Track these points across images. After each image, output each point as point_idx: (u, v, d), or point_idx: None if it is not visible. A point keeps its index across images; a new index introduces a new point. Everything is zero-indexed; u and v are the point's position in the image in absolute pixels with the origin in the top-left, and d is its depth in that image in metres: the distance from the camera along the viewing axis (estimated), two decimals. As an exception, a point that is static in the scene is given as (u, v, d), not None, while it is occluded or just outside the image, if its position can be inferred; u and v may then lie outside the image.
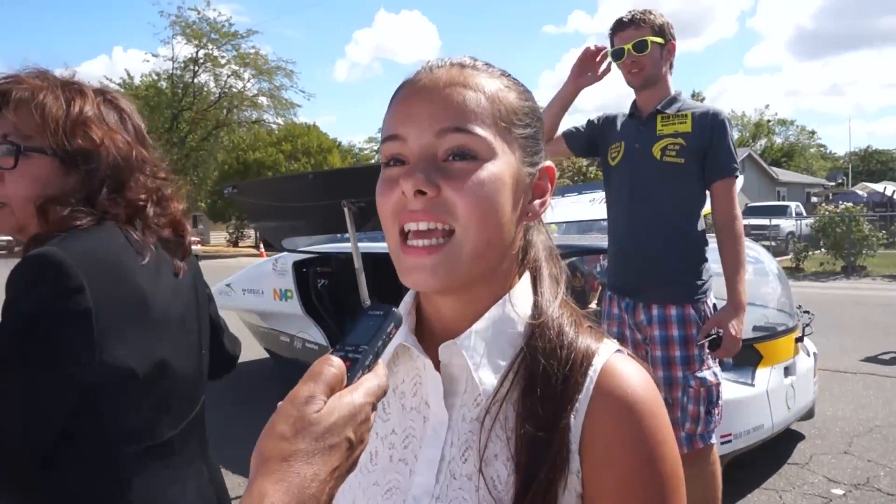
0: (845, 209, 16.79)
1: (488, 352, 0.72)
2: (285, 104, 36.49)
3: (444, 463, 0.71)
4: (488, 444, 0.69)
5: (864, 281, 14.72)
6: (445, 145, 0.68)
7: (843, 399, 5.43)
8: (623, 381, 0.70)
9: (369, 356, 0.63)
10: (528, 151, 0.74)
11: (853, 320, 9.14)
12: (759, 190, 34.86)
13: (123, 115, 1.23)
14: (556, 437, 0.66)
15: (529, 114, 0.74)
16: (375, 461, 0.77)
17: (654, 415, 0.69)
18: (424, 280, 0.69)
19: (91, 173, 1.12)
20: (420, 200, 0.67)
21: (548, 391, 0.68)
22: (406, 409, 0.77)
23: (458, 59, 0.74)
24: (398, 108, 0.72)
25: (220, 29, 34.03)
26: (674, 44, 2.63)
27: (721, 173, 2.56)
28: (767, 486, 3.82)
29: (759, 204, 25.77)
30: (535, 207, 0.76)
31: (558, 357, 0.70)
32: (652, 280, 2.62)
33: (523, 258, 0.78)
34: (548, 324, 0.73)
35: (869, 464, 4.09)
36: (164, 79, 35.25)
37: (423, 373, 0.76)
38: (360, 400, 0.59)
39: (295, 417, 0.56)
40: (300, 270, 5.67)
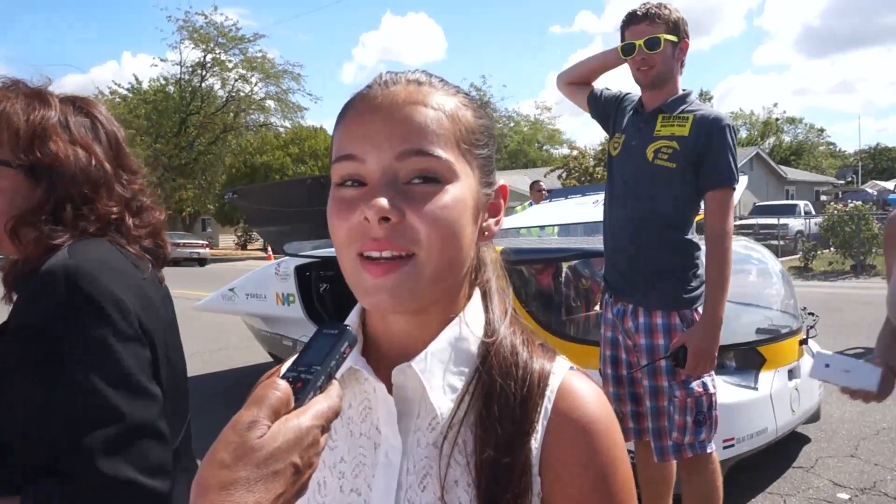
0: (854, 207, 16.65)
1: (444, 373, 0.70)
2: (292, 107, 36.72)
3: (401, 492, 0.69)
4: (448, 471, 0.67)
5: (874, 280, 14.59)
6: (408, 168, 0.66)
7: (849, 402, 5.32)
8: (579, 401, 0.70)
9: (321, 377, 0.60)
10: (485, 171, 0.73)
11: (862, 320, 9.05)
12: (768, 189, 34.65)
13: (96, 122, 1.20)
14: (518, 460, 0.66)
15: (485, 132, 0.74)
16: (324, 491, 0.75)
17: (608, 432, 0.70)
18: (385, 301, 0.66)
19: (52, 187, 1.10)
20: (383, 228, 0.65)
21: (507, 413, 0.68)
22: (355, 435, 0.75)
23: (413, 76, 0.72)
24: (352, 125, 0.69)
25: (228, 33, 34.28)
26: (687, 42, 2.53)
27: (714, 183, 2.45)
28: (771, 490, 3.78)
29: (767, 203, 25.63)
30: (492, 226, 0.75)
31: (514, 377, 0.70)
32: (637, 282, 2.57)
33: (476, 277, 0.77)
34: (502, 342, 0.73)
35: (876, 468, 4.05)
36: (171, 83, 35.46)
37: (373, 396, 0.73)
38: (308, 423, 0.57)
39: (236, 444, 0.54)
40: (303, 275, 5.68)
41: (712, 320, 2.40)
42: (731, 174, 2.46)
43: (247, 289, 6.13)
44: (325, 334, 0.65)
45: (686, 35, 2.53)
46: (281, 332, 5.88)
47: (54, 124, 1.13)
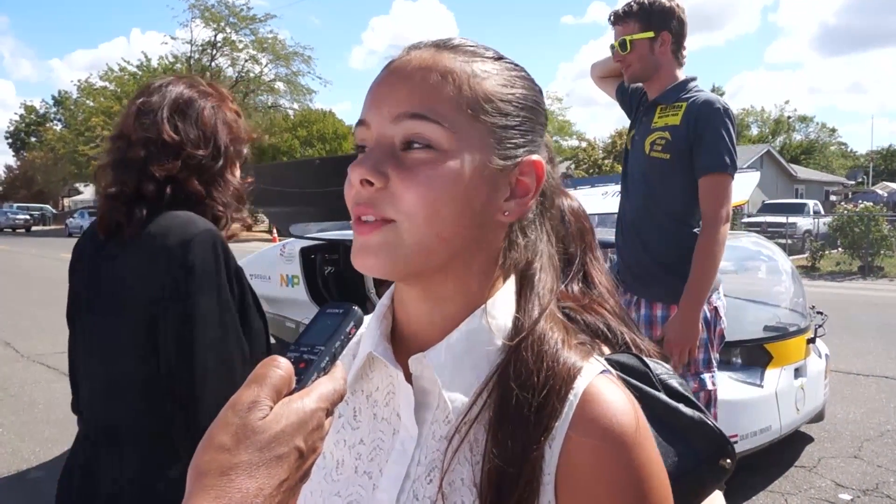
0: (864, 208, 16.52)
1: (460, 368, 0.66)
2: (302, 90, 36.58)
3: (408, 482, 0.66)
4: (455, 468, 0.63)
5: (881, 282, 14.51)
6: (401, 132, 0.63)
7: (854, 402, 5.33)
8: (606, 407, 0.62)
9: (325, 358, 0.57)
10: (502, 143, 0.66)
11: (868, 322, 9.00)
12: (778, 187, 34.45)
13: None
14: (525, 468, 0.60)
15: (512, 102, 0.67)
16: (341, 471, 0.72)
17: (640, 446, 0.62)
18: (368, 262, 0.64)
19: None
20: (367, 191, 0.63)
21: (520, 420, 0.61)
22: (377, 418, 0.72)
23: (442, 40, 0.68)
24: (368, 91, 0.68)
25: (239, 13, 34.12)
26: (667, 35, 2.46)
27: (705, 168, 2.37)
28: (773, 488, 3.76)
29: (776, 201, 25.48)
30: (511, 207, 0.68)
31: (533, 385, 0.62)
32: (640, 274, 2.54)
33: (505, 261, 0.70)
34: (527, 345, 0.65)
35: (879, 469, 4.01)
36: (181, 61, 35.38)
37: (397, 382, 0.70)
38: (312, 405, 0.53)
39: (236, 426, 0.50)
40: (308, 257, 5.66)
41: (689, 310, 2.33)
42: (722, 159, 2.36)
43: (251, 269, 6.12)
44: (328, 314, 0.62)
45: (667, 27, 2.46)
46: (284, 313, 5.87)
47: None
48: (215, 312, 1.24)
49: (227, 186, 1.40)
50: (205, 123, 1.37)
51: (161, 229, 1.27)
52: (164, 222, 1.27)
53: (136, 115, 1.35)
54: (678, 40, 2.52)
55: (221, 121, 1.41)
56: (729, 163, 2.37)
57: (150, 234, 1.27)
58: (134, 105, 1.38)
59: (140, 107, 1.36)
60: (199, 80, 1.46)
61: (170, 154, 1.32)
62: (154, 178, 1.31)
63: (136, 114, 1.36)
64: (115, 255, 1.32)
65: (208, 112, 1.39)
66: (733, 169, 2.40)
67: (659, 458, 0.64)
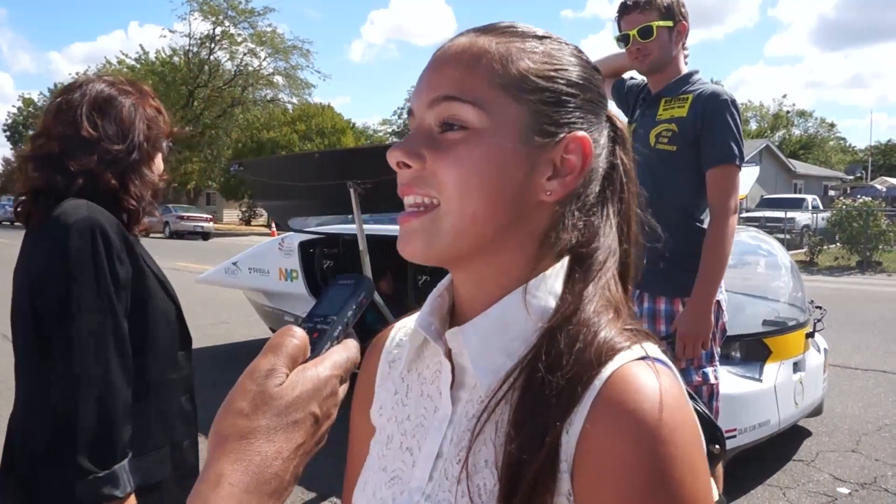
0: (863, 203, 16.53)
1: (493, 347, 0.64)
2: (301, 84, 36.52)
3: (440, 460, 0.66)
4: (481, 449, 0.62)
5: (879, 277, 14.53)
6: (435, 115, 0.65)
7: (852, 396, 5.35)
8: (632, 391, 0.57)
9: (338, 327, 0.60)
10: (542, 120, 0.65)
11: (866, 316, 9.01)
12: (776, 182, 34.46)
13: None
14: (541, 455, 0.57)
15: (554, 79, 0.66)
16: (389, 446, 0.73)
17: (667, 441, 0.55)
18: (409, 248, 0.65)
19: None
20: (406, 173, 0.65)
21: (542, 402, 0.59)
22: (423, 395, 0.72)
23: (485, 25, 0.69)
24: (419, 79, 0.69)
25: (237, 6, 34.00)
26: (684, 24, 2.48)
27: (712, 160, 2.36)
28: (771, 482, 3.77)
29: (775, 196, 25.50)
30: (554, 186, 0.65)
31: (560, 366, 0.59)
32: (644, 267, 2.54)
33: (555, 242, 0.66)
34: (563, 326, 0.62)
35: (876, 463, 4.03)
36: (179, 54, 35.27)
37: (441, 359, 0.70)
38: (326, 373, 0.56)
39: (254, 392, 0.53)
40: (306, 251, 5.65)
41: (701, 303, 2.32)
42: (730, 150, 2.35)
43: (250, 263, 6.11)
44: (340, 285, 0.64)
45: (682, 17, 2.47)
46: (283, 307, 5.86)
47: None
48: (91, 298, 1.27)
49: (143, 181, 1.44)
50: (123, 120, 1.42)
51: (52, 217, 1.30)
52: (56, 211, 1.30)
53: (56, 112, 1.40)
54: (687, 34, 2.53)
55: (140, 117, 1.45)
56: (737, 154, 2.36)
57: (43, 224, 1.32)
58: (54, 102, 1.42)
59: (60, 104, 1.40)
60: (121, 78, 1.51)
61: (86, 149, 1.36)
62: (68, 171, 1.35)
63: (56, 111, 1.40)
64: (24, 246, 1.36)
65: (127, 109, 1.43)
66: (741, 160, 2.39)
67: (697, 466, 0.57)
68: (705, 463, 0.58)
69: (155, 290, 1.42)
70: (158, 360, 1.41)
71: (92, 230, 1.28)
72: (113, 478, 1.23)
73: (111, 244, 1.30)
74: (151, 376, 1.40)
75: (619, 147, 0.73)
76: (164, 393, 1.43)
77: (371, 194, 4.06)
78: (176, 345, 1.47)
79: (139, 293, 1.37)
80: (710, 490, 0.58)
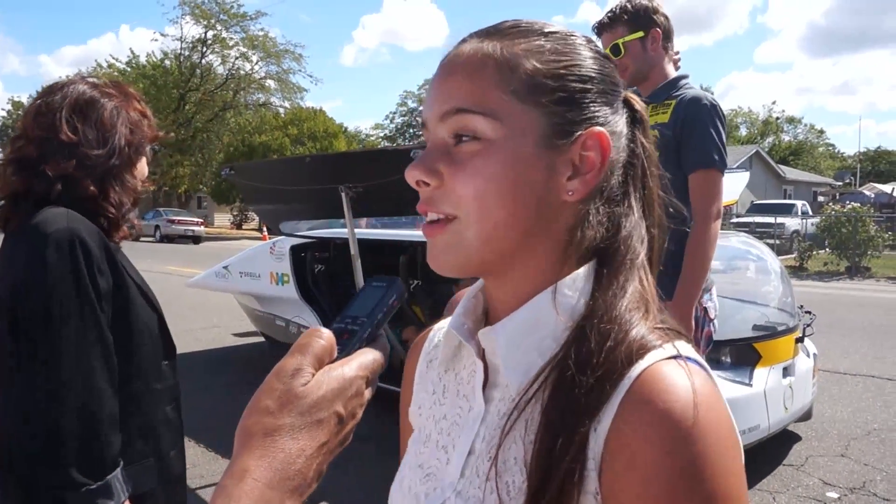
0: (852, 209, 16.65)
1: (524, 346, 0.65)
2: (293, 88, 36.48)
3: (472, 457, 0.67)
4: (511, 446, 0.63)
5: (868, 282, 14.63)
6: (447, 128, 0.64)
7: (841, 401, 5.37)
8: (662, 390, 0.56)
9: (367, 328, 0.61)
10: (557, 120, 0.64)
11: (855, 322, 9.07)
12: (766, 187, 34.66)
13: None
14: (568, 452, 0.57)
15: (564, 76, 0.65)
16: (427, 444, 0.74)
17: (698, 441, 0.53)
18: (434, 262, 0.66)
19: None
20: (425, 191, 0.65)
21: (571, 400, 0.58)
22: (459, 395, 0.73)
23: (489, 27, 0.68)
24: (428, 89, 0.68)
25: (229, 10, 33.96)
26: (657, 31, 2.45)
27: (693, 164, 2.33)
28: (761, 486, 3.78)
29: (765, 202, 25.64)
30: (576, 185, 0.64)
31: (591, 364, 0.59)
32: None
33: (581, 239, 0.66)
34: (594, 323, 0.61)
35: (865, 467, 4.05)
36: (169, 58, 35.17)
37: (475, 359, 0.70)
38: (352, 373, 0.57)
39: (280, 391, 0.54)
40: (298, 255, 5.63)
41: (682, 306, 2.31)
42: (710, 156, 2.33)
43: (241, 267, 6.09)
44: (373, 286, 0.65)
45: (655, 23, 2.45)
46: (274, 311, 5.84)
47: None
48: (72, 310, 1.25)
49: (124, 187, 1.41)
50: (104, 123, 1.38)
51: (31, 225, 1.28)
52: (36, 219, 1.28)
53: (35, 115, 1.37)
54: (667, 36, 2.52)
55: (123, 121, 1.41)
56: (717, 159, 2.35)
57: (22, 230, 1.29)
58: (34, 104, 1.39)
59: (40, 106, 1.37)
60: (105, 80, 1.48)
61: (65, 153, 1.33)
62: (46, 176, 1.32)
63: (35, 113, 1.37)
64: (2, 250, 1.34)
65: (109, 112, 1.40)
66: (722, 165, 2.38)
67: (730, 466, 0.55)
68: (739, 463, 0.57)
69: (136, 299, 1.39)
70: (142, 370, 1.40)
71: (71, 241, 1.26)
72: (106, 489, 1.22)
73: (91, 255, 1.28)
74: (135, 387, 1.37)
75: (639, 131, 0.71)
76: (148, 403, 1.41)
77: (362, 198, 4.06)
78: (160, 354, 1.45)
79: (121, 304, 1.35)
80: (744, 491, 0.56)
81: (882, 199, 26.84)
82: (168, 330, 1.50)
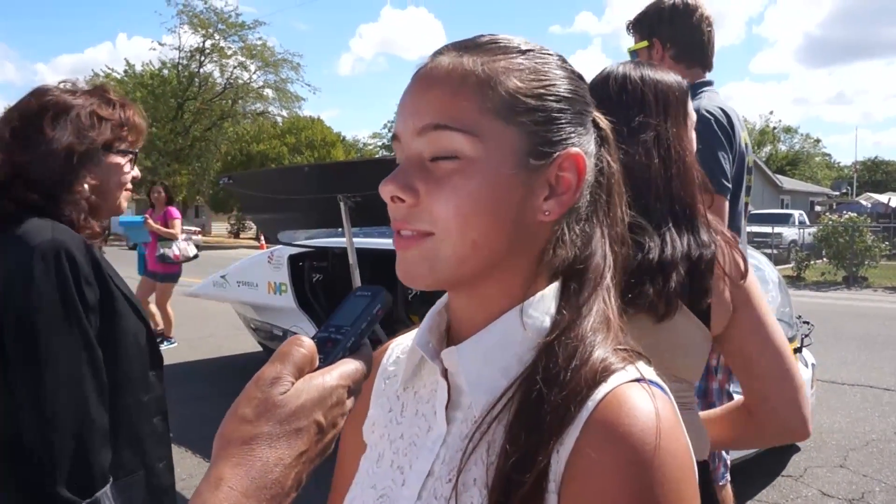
0: (849, 219, 16.69)
1: (490, 366, 0.64)
2: (291, 97, 36.51)
3: (430, 479, 0.65)
4: (472, 468, 0.62)
5: (865, 292, 14.64)
6: (425, 145, 0.63)
7: (840, 411, 5.36)
8: (623, 415, 0.56)
9: (351, 338, 0.61)
10: (535, 141, 0.64)
11: (852, 332, 9.07)
12: (763, 197, 34.76)
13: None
14: (530, 476, 0.56)
15: (542, 96, 0.65)
16: (380, 463, 0.72)
17: (658, 467, 0.54)
18: (408, 275, 0.65)
19: None
20: (400, 208, 0.64)
21: (535, 423, 0.58)
22: (418, 414, 0.71)
23: (465, 41, 0.67)
24: (399, 102, 0.67)
25: (227, 19, 34.03)
26: (657, 41, 2.37)
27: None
28: (760, 497, 3.77)
29: (762, 211, 25.69)
30: (552, 206, 0.65)
31: (556, 386, 0.59)
32: None
33: (552, 258, 0.66)
34: (559, 343, 0.61)
35: (864, 478, 4.03)
36: (167, 67, 35.22)
37: (438, 378, 0.69)
38: (333, 382, 0.56)
39: (259, 399, 0.54)
40: (296, 264, 5.62)
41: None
42: (717, 181, 2.11)
43: (238, 276, 6.07)
44: (358, 296, 0.65)
45: (656, 34, 2.38)
46: (271, 321, 5.82)
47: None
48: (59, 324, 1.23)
49: (75, 194, 1.35)
50: (44, 132, 1.32)
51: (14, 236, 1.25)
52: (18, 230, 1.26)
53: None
54: (676, 43, 2.39)
55: (74, 127, 1.34)
56: (723, 183, 2.20)
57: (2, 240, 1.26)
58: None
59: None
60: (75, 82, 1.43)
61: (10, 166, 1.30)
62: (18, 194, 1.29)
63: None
64: None
65: (52, 118, 1.34)
66: (727, 190, 2.24)
67: (684, 493, 0.56)
68: (694, 490, 0.58)
69: (124, 310, 1.38)
70: (130, 381, 1.38)
71: (57, 253, 1.24)
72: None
73: (78, 267, 1.26)
74: (123, 399, 1.36)
75: (605, 149, 0.71)
76: (136, 415, 1.39)
77: (361, 208, 4.05)
78: (147, 365, 1.44)
79: (108, 315, 1.33)
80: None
81: (879, 209, 26.91)
82: (155, 340, 1.49)
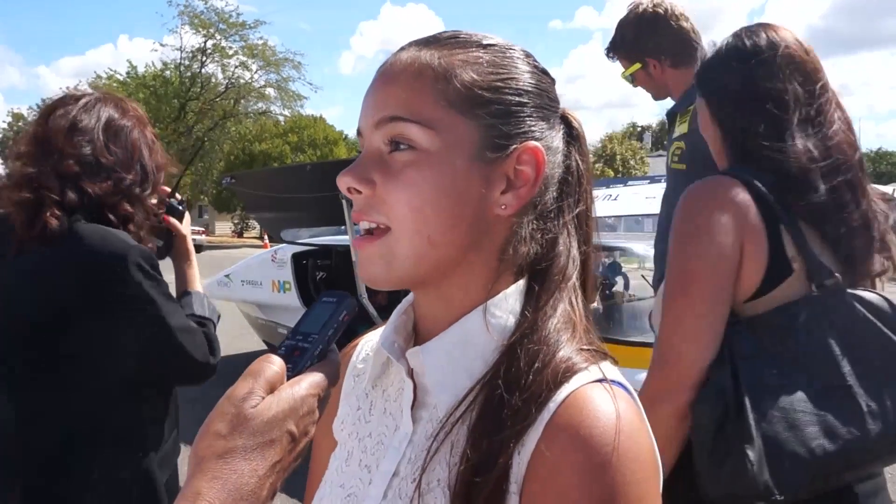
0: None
1: (454, 366, 0.64)
2: (292, 96, 36.52)
3: (395, 479, 0.66)
4: (435, 468, 0.62)
5: (871, 283, 14.59)
6: (382, 136, 0.63)
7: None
8: (583, 416, 0.56)
9: (318, 346, 0.61)
10: (492, 133, 0.63)
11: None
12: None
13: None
14: (491, 477, 0.57)
15: (501, 89, 0.64)
16: (349, 462, 0.72)
17: (618, 469, 0.54)
18: (368, 274, 0.65)
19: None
20: (359, 199, 0.64)
21: (496, 424, 0.58)
22: (386, 413, 0.72)
23: (427, 37, 0.67)
24: (363, 99, 0.67)
25: (228, 19, 34.02)
26: (651, 59, 2.35)
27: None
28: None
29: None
30: (509, 199, 0.64)
31: (518, 387, 0.59)
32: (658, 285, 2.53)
33: (514, 255, 0.65)
34: (523, 343, 0.61)
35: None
36: (169, 68, 35.28)
37: (404, 377, 0.69)
38: (302, 392, 0.57)
39: (232, 415, 0.55)
40: (299, 263, 5.64)
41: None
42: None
43: (242, 275, 6.09)
44: (324, 302, 0.65)
45: (646, 52, 2.35)
46: (276, 319, 5.84)
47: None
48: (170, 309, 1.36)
49: (146, 211, 1.43)
50: (133, 147, 1.40)
51: (81, 241, 1.28)
52: (84, 235, 1.28)
53: (69, 132, 1.35)
54: (669, 51, 2.37)
55: (145, 145, 1.44)
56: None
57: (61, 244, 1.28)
58: (65, 119, 1.36)
59: (73, 123, 1.36)
60: (125, 100, 1.48)
61: (102, 174, 1.34)
62: (86, 193, 1.32)
63: (69, 130, 1.35)
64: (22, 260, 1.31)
65: (135, 136, 1.42)
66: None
67: (648, 496, 0.56)
68: (657, 490, 0.58)
69: None
70: None
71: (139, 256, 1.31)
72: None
73: (157, 267, 1.36)
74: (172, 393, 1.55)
75: (575, 148, 0.70)
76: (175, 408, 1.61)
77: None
78: None
79: None
80: None
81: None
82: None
